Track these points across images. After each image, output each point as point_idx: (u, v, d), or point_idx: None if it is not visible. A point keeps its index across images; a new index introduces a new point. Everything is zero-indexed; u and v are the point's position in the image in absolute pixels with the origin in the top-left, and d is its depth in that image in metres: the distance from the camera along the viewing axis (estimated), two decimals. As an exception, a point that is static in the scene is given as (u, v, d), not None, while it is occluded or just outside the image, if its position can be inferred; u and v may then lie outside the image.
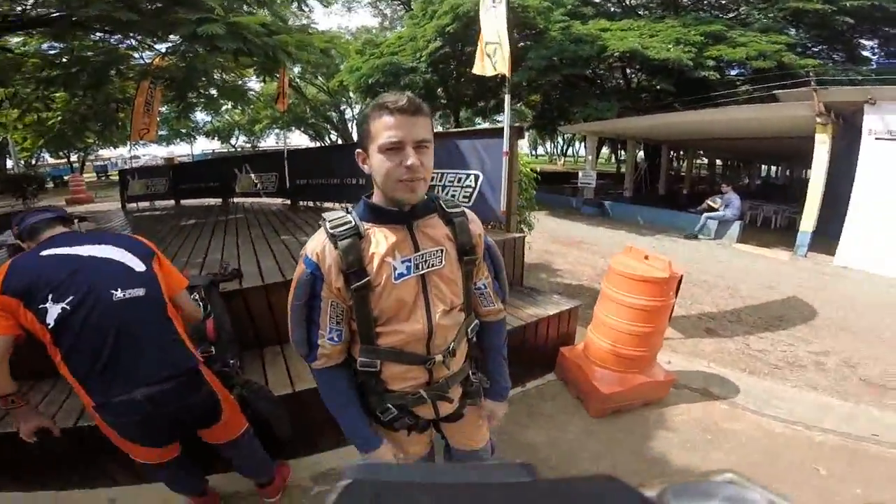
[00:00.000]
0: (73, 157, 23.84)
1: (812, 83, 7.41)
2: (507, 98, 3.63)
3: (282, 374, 2.30)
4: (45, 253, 1.40)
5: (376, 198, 1.05)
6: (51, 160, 25.08)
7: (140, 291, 1.40)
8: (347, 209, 1.06)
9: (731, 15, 13.31)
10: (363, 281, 0.99)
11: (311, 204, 7.13)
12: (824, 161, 7.59)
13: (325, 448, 2.29)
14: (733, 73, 12.32)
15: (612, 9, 14.35)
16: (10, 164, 16.57)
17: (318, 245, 1.02)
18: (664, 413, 2.70)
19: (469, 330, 1.19)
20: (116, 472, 2.06)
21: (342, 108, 23.32)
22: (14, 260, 1.39)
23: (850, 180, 7.27)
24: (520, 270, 3.72)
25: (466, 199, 3.83)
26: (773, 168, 27.14)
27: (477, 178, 3.77)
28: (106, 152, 28.49)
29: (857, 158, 7.14)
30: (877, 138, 6.88)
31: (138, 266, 1.45)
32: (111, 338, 1.32)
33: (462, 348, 1.18)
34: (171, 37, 4.42)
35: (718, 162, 23.76)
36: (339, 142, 23.59)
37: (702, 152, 20.46)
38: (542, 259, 6.65)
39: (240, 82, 7.72)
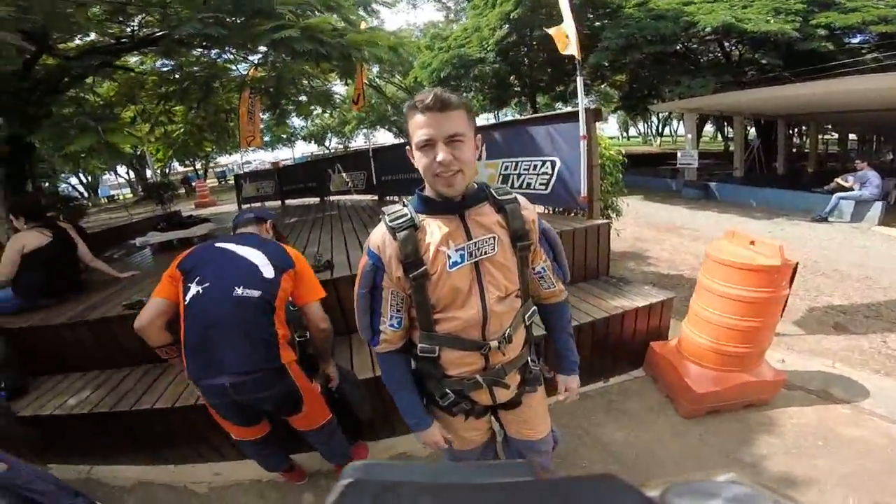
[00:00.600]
0: (198, 165, 27.15)
1: None
2: (579, 80, 3.51)
3: (366, 360, 2.47)
4: (218, 245, 1.78)
5: (428, 190, 1.09)
6: (180, 168, 29.03)
7: (256, 293, 1.62)
8: (404, 202, 1.13)
9: None
10: (420, 270, 1.05)
11: (396, 198, 7.45)
12: None
13: (402, 432, 2.42)
14: (855, 40, 10.42)
15: None
16: (148, 173, 19.52)
17: (378, 238, 1.10)
18: (769, 415, 2.41)
19: (526, 317, 1.21)
20: (222, 447, 2.39)
21: (422, 104, 24.01)
22: (200, 245, 1.81)
23: None
24: (605, 259, 3.52)
25: (543, 187, 3.72)
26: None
27: (554, 164, 3.65)
28: (223, 159, 32.52)
29: None
30: None
31: (268, 272, 1.68)
32: (217, 326, 1.57)
33: (519, 334, 1.20)
34: (261, 48, 4.86)
35: (852, 137, 20.09)
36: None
37: (829, 127, 17.46)
38: (633, 247, 6.24)
39: (325, 87, 8.23)
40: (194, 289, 1.62)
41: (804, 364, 2.93)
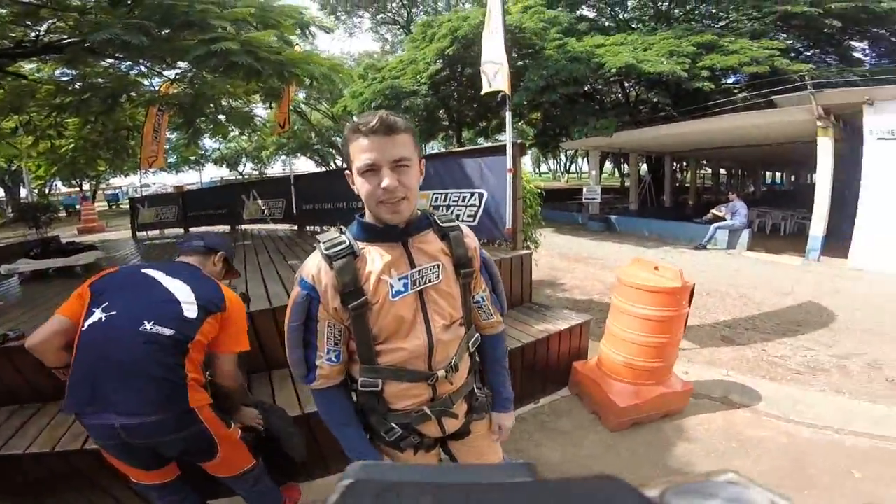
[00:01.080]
0: (86, 186, 24.17)
1: (809, 87, 7.45)
2: (508, 116, 3.68)
3: (291, 397, 2.28)
4: (144, 270, 1.60)
5: (369, 217, 1.04)
6: (63, 189, 25.55)
7: (167, 331, 1.44)
8: (342, 229, 1.07)
9: (721, 23, 13.52)
10: (360, 300, 1.00)
11: (317, 229, 7.21)
12: (829, 164, 7.58)
13: (338, 469, 2.25)
14: (729, 81, 12.43)
15: (606, 23, 14.62)
16: (24, 192, 16.88)
17: (313, 267, 1.03)
18: (684, 423, 2.63)
19: (470, 344, 1.19)
20: (122, 493, 2.06)
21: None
22: (124, 266, 1.68)
23: (856, 182, 7.23)
24: (528, 287, 3.70)
25: (471, 218, 3.84)
26: (778, 174, 27.08)
27: (481, 196, 3.79)
28: (117, 180, 29.14)
29: (861, 160, 7.11)
30: (878, 138, 6.86)
31: (190, 312, 1.50)
32: (109, 359, 1.39)
33: (465, 362, 1.18)
34: (180, 63, 4.55)
35: (722, 171, 23.76)
36: (344, 166, 24.04)
37: (705, 162, 20.48)
38: (549, 276, 6.62)
39: (246, 108, 7.87)
40: (97, 314, 1.45)
41: (704, 374, 3.26)
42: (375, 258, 1.02)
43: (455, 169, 3.92)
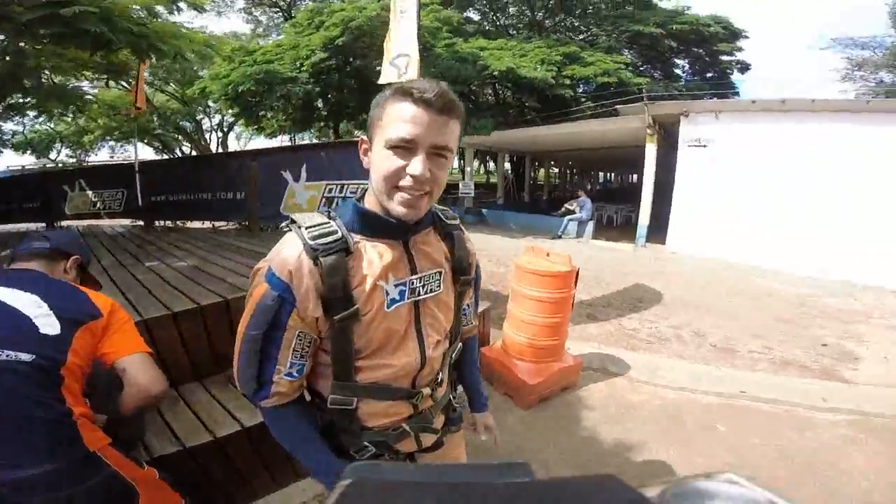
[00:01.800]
0: None
1: (644, 99, 8.98)
2: None
3: (190, 422, 1.92)
4: None
5: (370, 203, 0.86)
6: None
7: (24, 357, 1.09)
8: (329, 213, 0.86)
9: (581, 36, 15.53)
10: (349, 311, 0.81)
11: (169, 224, 6.21)
12: (653, 165, 9.28)
13: (264, 493, 2.00)
14: (581, 89, 14.35)
15: (488, 27, 15.61)
16: None
17: (290, 260, 0.80)
18: (580, 395, 2.97)
19: (453, 355, 1.08)
20: None
21: (199, 117, 20.83)
22: None
23: (671, 181, 8.98)
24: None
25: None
26: (607, 175, 32.15)
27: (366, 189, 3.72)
28: None
29: (675, 162, 8.85)
30: (689, 145, 8.65)
31: (48, 327, 1.13)
32: None
33: (447, 375, 1.07)
34: None
35: (566, 171, 27.26)
36: (193, 154, 20.99)
37: (553, 162, 23.26)
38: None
39: (70, 86, 6.34)
40: None
41: (581, 349, 3.71)
42: (373, 258, 0.84)
43: (354, 159, 3.74)
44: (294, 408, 0.90)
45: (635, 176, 24.79)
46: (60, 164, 23.66)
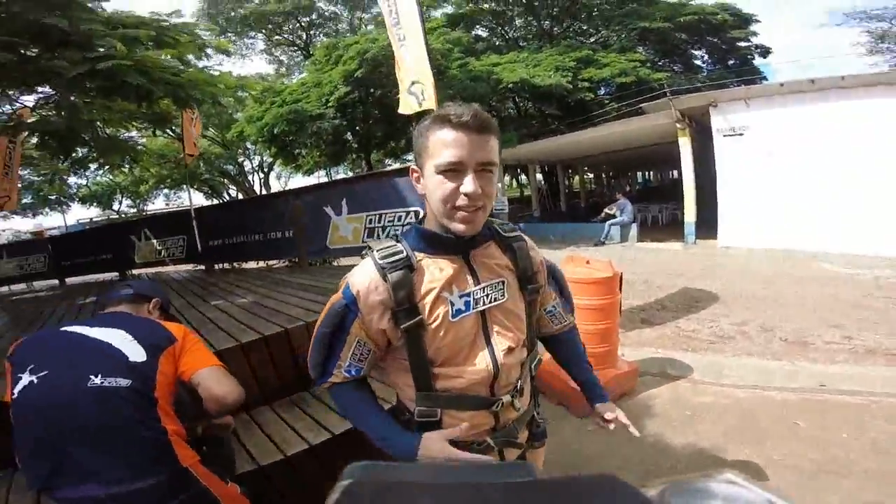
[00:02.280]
0: None
1: (668, 94, 8.75)
2: None
3: (263, 443, 2.05)
4: (65, 328, 1.38)
5: (430, 224, 0.94)
6: None
7: (123, 382, 1.24)
8: (397, 237, 0.97)
9: (592, 39, 15.45)
10: (415, 320, 0.89)
11: (227, 266, 6.61)
12: (689, 160, 8.95)
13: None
14: (601, 92, 14.18)
15: (498, 42, 15.87)
16: None
17: (364, 278, 0.92)
18: (640, 400, 2.89)
19: (532, 366, 1.09)
20: None
21: (240, 160, 22.14)
22: (41, 330, 1.50)
23: (712, 173, 8.62)
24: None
25: (409, 236, 3.86)
26: (647, 174, 31.16)
27: (417, 213, 3.82)
28: None
29: (713, 154, 8.50)
30: (724, 135, 8.31)
31: (136, 355, 1.29)
32: (67, 423, 1.18)
33: (528, 385, 1.09)
34: (41, 88, 3.88)
35: (602, 175, 26.68)
36: (239, 196, 22.25)
37: (587, 168, 22.86)
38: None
39: (122, 136, 6.97)
40: (26, 378, 1.22)
41: (638, 355, 3.61)
42: (434, 272, 0.92)
43: (387, 189, 3.90)
44: (354, 384, 1.01)
45: (676, 172, 23.98)
46: (123, 215, 25.78)
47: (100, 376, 1.22)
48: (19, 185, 7.12)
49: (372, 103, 12.50)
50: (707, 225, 8.84)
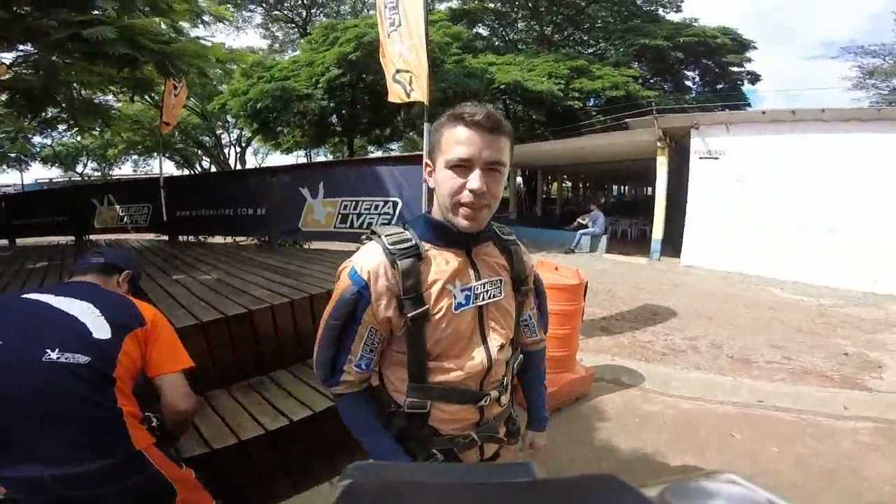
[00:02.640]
0: None
1: (654, 112, 9.00)
2: (425, 126, 3.68)
3: (217, 426, 2.02)
4: (26, 295, 1.33)
5: (438, 216, 0.96)
6: None
7: (82, 359, 1.19)
8: (404, 225, 0.98)
9: (591, 50, 15.69)
10: (421, 310, 0.90)
11: (192, 238, 6.42)
12: (664, 179, 9.22)
13: (286, 496, 2.07)
14: (591, 103, 14.41)
15: (497, 42, 15.91)
16: None
17: (371, 262, 0.91)
18: (594, 405, 3.00)
19: (515, 365, 1.13)
20: None
21: (218, 132, 21.37)
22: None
23: (684, 193, 8.93)
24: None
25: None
26: (621, 188, 32.01)
27: (395, 205, 3.81)
28: None
29: (688, 175, 8.81)
30: (700, 157, 8.61)
31: (101, 331, 1.25)
32: (12, 400, 1.12)
33: (509, 381, 1.11)
34: (22, 46, 3.67)
35: (580, 185, 27.25)
36: (212, 169, 21.50)
37: (566, 176, 23.28)
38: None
39: (97, 100, 6.64)
40: None
41: (594, 361, 3.72)
42: (441, 263, 0.94)
43: (368, 177, 3.89)
44: (361, 395, 1.00)
45: (650, 189, 24.75)
46: (87, 178, 24.46)
47: (57, 351, 1.18)
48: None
49: (362, 88, 12.32)
50: (672, 243, 9.17)
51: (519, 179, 18.99)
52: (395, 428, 1.01)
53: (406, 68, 3.62)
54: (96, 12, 3.09)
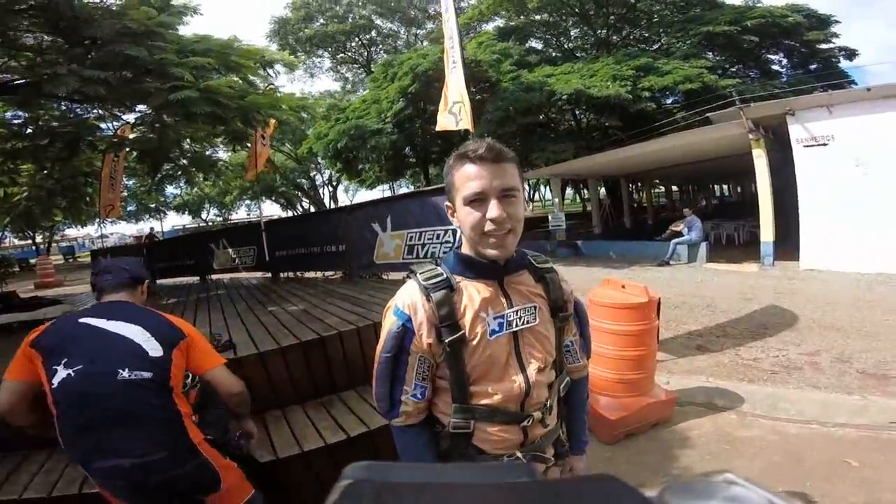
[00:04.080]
0: (38, 238, 22.86)
1: (736, 102, 8.10)
2: None
3: (287, 437, 2.28)
4: (82, 320, 1.57)
5: (466, 250, 1.02)
6: (16, 241, 23.86)
7: (146, 375, 1.49)
8: (437, 262, 1.05)
9: (654, 47, 14.74)
10: (457, 335, 0.96)
11: (291, 275, 7.10)
12: (766, 173, 8.16)
13: None
14: (668, 101, 13.40)
15: (553, 53, 15.67)
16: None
17: (410, 298, 1.00)
18: (675, 430, 2.72)
19: (561, 388, 1.15)
20: None
21: (312, 174, 23.61)
22: (58, 320, 1.65)
23: (792, 187, 7.83)
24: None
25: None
26: (725, 187, 28.83)
27: (455, 232, 3.88)
28: (72, 231, 27.56)
29: (793, 166, 7.74)
30: (805, 146, 7.54)
31: (154, 351, 1.53)
32: (100, 411, 1.43)
33: (556, 405, 1.13)
34: (139, 106, 4.45)
35: (675, 188, 25.09)
36: (311, 209, 23.66)
37: (658, 181, 21.62)
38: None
39: (207, 153, 7.78)
40: (62, 371, 1.44)
41: (685, 383, 3.38)
42: (472, 294, 0.99)
43: (428, 207, 4.01)
44: (422, 430, 1.06)
45: (755, 186, 21.92)
46: (210, 223, 28.61)
47: (127, 370, 1.46)
48: (124, 194, 8.15)
49: (427, 119, 12.87)
50: (788, 245, 8.02)
51: (602, 190, 18.08)
52: (440, 447, 1.06)
53: (460, 99, 3.78)
54: (176, 78, 3.64)
